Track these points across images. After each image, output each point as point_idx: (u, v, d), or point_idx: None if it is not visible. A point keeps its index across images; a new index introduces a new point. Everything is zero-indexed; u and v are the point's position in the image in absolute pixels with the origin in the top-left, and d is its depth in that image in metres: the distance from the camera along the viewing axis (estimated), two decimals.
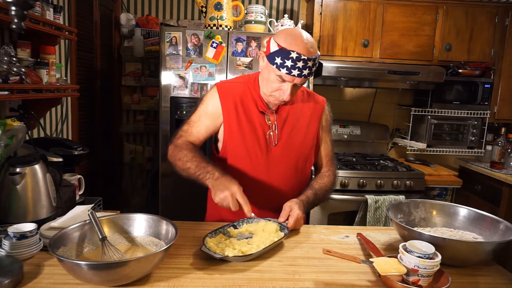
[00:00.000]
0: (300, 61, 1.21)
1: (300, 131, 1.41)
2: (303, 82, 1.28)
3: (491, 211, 1.36)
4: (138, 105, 3.30)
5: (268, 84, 1.30)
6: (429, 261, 0.91)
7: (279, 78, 1.26)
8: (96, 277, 0.87)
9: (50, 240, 0.94)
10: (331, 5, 2.75)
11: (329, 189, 1.45)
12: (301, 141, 1.41)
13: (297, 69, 1.22)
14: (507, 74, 2.89)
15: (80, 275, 0.89)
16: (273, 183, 1.38)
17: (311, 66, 1.24)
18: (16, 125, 1.27)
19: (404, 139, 3.12)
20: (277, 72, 1.24)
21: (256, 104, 1.38)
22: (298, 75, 1.23)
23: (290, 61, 1.21)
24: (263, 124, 1.37)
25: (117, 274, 0.87)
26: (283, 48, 1.21)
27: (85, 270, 0.86)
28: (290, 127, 1.39)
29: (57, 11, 1.78)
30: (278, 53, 1.22)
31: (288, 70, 1.22)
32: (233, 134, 1.37)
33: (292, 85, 1.26)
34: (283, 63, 1.22)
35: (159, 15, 3.28)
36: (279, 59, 1.22)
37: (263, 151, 1.37)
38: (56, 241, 0.95)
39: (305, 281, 0.97)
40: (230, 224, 1.22)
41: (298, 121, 1.41)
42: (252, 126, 1.37)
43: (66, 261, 0.86)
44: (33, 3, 0.90)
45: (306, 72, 1.23)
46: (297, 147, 1.40)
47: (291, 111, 1.40)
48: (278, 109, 1.39)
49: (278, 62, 1.22)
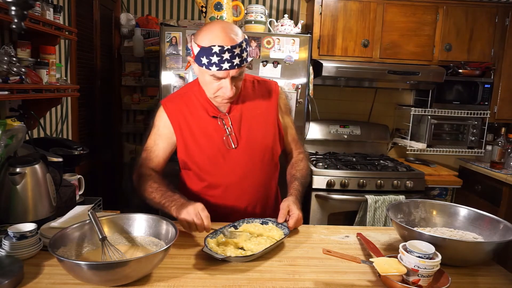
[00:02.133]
0: (225, 52, 1.15)
1: (259, 126, 1.37)
2: (241, 72, 1.24)
3: (491, 211, 1.35)
4: (138, 105, 3.30)
5: (207, 86, 1.27)
6: (429, 261, 0.91)
7: (214, 77, 1.21)
8: (96, 277, 0.87)
9: (50, 240, 0.94)
10: (331, 5, 2.75)
11: (308, 172, 1.47)
12: (262, 135, 1.38)
13: (226, 61, 1.16)
14: (507, 74, 2.89)
15: (80, 275, 0.89)
16: (244, 183, 1.37)
17: (240, 53, 1.18)
18: (16, 125, 1.27)
19: (404, 139, 3.12)
20: (208, 72, 1.20)
21: (206, 110, 1.34)
22: (230, 67, 1.18)
23: (215, 56, 1.16)
24: (217, 129, 1.33)
25: (117, 274, 0.87)
26: (203, 47, 1.17)
27: (85, 270, 0.86)
28: (247, 124, 1.35)
29: (57, 11, 1.78)
30: (201, 53, 1.18)
31: (217, 66, 1.17)
32: (189, 147, 1.35)
33: (230, 79, 1.21)
34: (209, 62, 1.17)
35: (159, 15, 3.28)
36: (204, 59, 1.18)
37: (225, 156, 1.34)
38: (56, 241, 0.95)
39: (305, 281, 0.97)
40: (231, 225, 1.22)
41: (255, 116, 1.37)
42: (207, 134, 1.33)
43: (66, 261, 0.86)
44: (33, 3, 0.90)
45: (238, 61, 1.18)
46: (259, 143, 1.37)
47: (244, 108, 1.36)
48: (230, 109, 1.34)
49: (205, 62, 1.18)
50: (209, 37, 1.17)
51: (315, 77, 2.76)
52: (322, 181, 2.50)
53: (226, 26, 1.20)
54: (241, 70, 1.23)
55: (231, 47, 1.16)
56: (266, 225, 1.24)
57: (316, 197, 2.52)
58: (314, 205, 2.53)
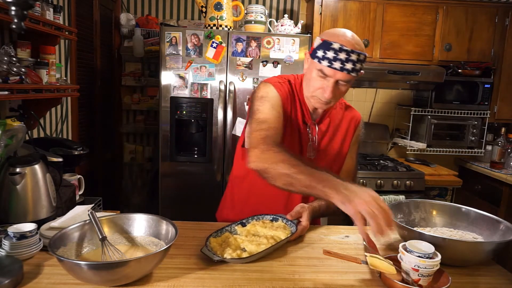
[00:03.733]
0: (342, 52, 1.15)
1: (336, 146, 1.40)
2: (348, 81, 1.21)
3: (491, 211, 1.35)
4: (138, 105, 3.30)
5: (310, 83, 1.25)
6: (429, 261, 0.91)
7: (321, 73, 1.20)
8: (96, 277, 0.87)
9: (50, 240, 0.94)
10: (331, 5, 2.75)
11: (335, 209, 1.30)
12: (336, 154, 1.40)
13: (339, 61, 1.15)
14: (507, 74, 2.89)
15: (80, 275, 0.89)
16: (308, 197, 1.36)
17: (355, 61, 1.17)
18: (16, 125, 1.27)
19: (404, 139, 3.12)
20: (318, 66, 1.19)
21: (302, 112, 1.34)
22: (341, 69, 1.16)
23: (332, 52, 1.15)
24: (304, 134, 1.35)
25: (117, 274, 0.87)
26: (325, 41, 1.18)
27: (85, 270, 0.86)
28: (328, 140, 1.38)
29: (57, 11, 1.78)
30: (320, 46, 1.18)
31: (329, 62, 1.16)
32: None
33: (334, 82, 1.19)
34: (324, 55, 1.17)
35: (159, 15, 3.28)
36: (320, 52, 1.18)
37: None
38: (56, 241, 0.95)
39: (305, 281, 0.97)
40: (238, 222, 1.21)
41: (336, 135, 1.40)
42: (293, 134, 1.33)
43: (66, 261, 0.86)
44: (33, 3, 0.90)
45: (350, 67, 1.16)
46: (332, 160, 1.39)
47: (331, 124, 1.39)
48: (320, 121, 1.37)
49: (320, 55, 1.18)
50: (336, 35, 1.19)
51: None
52: None
53: (355, 36, 1.21)
54: (348, 79, 1.20)
55: (350, 51, 1.15)
56: (276, 222, 1.23)
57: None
58: None
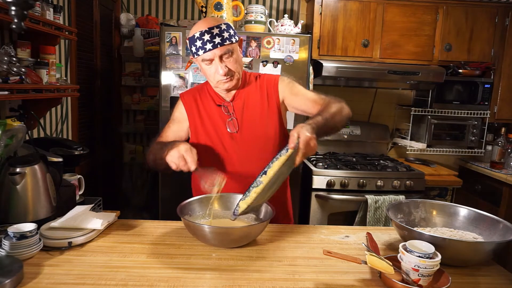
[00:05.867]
0: (204, 34, 1.26)
1: (262, 116, 1.44)
2: (228, 51, 1.29)
3: (491, 211, 1.35)
4: (138, 105, 3.30)
5: (208, 76, 1.36)
6: (429, 261, 0.91)
7: (206, 62, 1.31)
8: (213, 240, 1.12)
9: (178, 207, 1.18)
10: (331, 5, 2.75)
11: (338, 111, 1.33)
12: (265, 125, 1.43)
13: (207, 42, 1.26)
14: (507, 74, 2.89)
15: (201, 236, 1.12)
16: (246, 166, 1.41)
17: (220, 33, 1.27)
18: (16, 125, 1.27)
19: (404, 139, 3.12)
20: (199, 58, 1.30)
21: (213, 99, 1.46)
22: (213, 46, 1.26)
23: (198, 41, 1.28)
24: (222, 115, 1.44)
25: (230, 237, 1.11)
26: (189, 38, 1.31)
27: (207, 232, 1.09)
28: (249, 113, 1.43)
29: (57, 11, 1.78)
30: (189, 44, 1.31)
31: (202, 49, 1.28)
32: (198, 130, 1.45)
33: (219, 59, 1.29)
34: (196, 47, 1.29)
35: (159, 15, 3.28)
36: (193, 48, 1.30)
37: (227, 140, 1.42)
38: (182, 209, 1.21)
39: (305, 281, 0.97)
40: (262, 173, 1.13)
41: (257, 106, 1.45)
42: (212, 120, 1.44)
43: (195, 224, 1.08)
44: (33, 3, 0.90)
45: (219, 40, 1.26)
46: (261, 131, 1.43)
47: (247, 98, 1.45)
48: (234, 98, 1.44)
49: (194, 50, 1.30)
50: (192, 29, 1.31)
51: (315, 77, 2.76)
52: (322, 181, 2.50)
53: (208, 18, 1.32)
54: (228, 49, 1.29)
55: (209, 29, 1.26)
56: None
57: (316, 197, 2.52)
58: (314, 205, 2.53)
